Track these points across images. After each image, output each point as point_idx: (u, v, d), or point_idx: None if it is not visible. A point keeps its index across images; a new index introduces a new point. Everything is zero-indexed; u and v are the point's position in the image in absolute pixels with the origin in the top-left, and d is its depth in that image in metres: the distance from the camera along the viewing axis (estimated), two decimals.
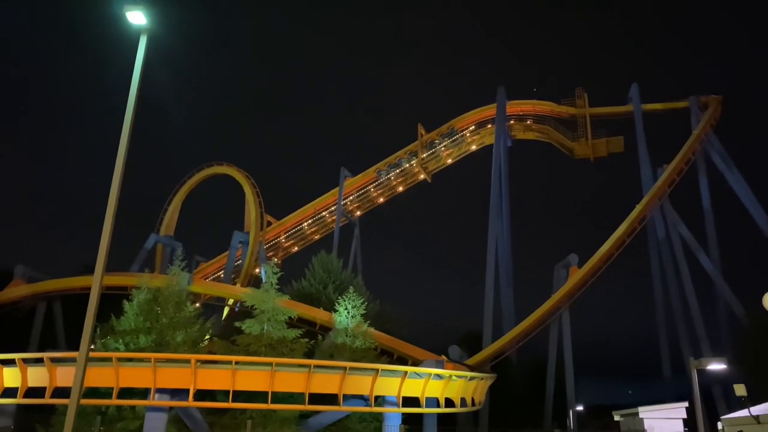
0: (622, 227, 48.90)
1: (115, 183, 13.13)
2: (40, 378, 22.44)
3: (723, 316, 52.91)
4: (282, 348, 27.09)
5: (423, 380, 25.40)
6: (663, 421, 26.72)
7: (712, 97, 59.85)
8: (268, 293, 28.03)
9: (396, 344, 38.88)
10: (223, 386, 22.61)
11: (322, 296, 42.16)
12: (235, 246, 57.37)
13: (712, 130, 57.28)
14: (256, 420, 24.65)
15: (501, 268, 54.67)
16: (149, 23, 14.06)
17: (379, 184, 66.90)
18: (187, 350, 26.07)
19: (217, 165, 61.81)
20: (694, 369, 23.14)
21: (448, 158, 66.29)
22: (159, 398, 22.03)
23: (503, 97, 62.10)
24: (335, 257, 48.14)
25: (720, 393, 44.59)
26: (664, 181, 52.53)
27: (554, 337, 50.32)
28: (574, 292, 47.70)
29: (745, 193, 54.46)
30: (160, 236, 58.77)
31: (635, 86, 61.02)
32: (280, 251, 66.50)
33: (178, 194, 61.17)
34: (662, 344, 53.40)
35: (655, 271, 55.14)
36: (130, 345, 25.73)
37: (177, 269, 29.60)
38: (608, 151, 61.81)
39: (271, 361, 22.76)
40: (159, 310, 27.18)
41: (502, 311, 52.80)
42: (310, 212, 67.53)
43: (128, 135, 13.51)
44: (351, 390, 23.94)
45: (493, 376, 33.56)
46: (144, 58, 14.13)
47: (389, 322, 42.60)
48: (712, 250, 54.80)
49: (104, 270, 12.63)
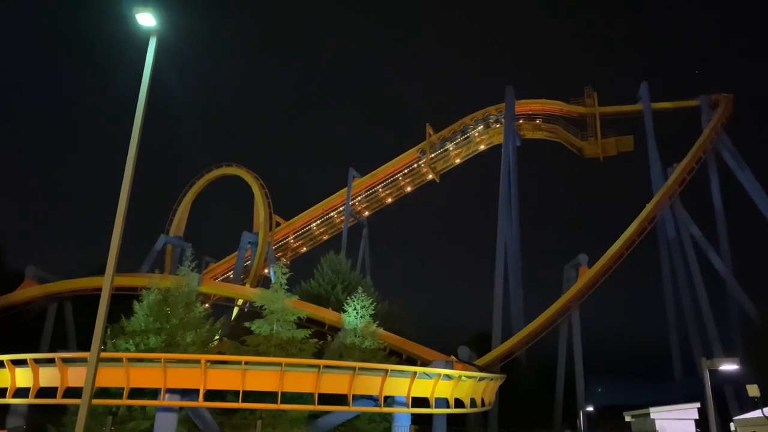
0: (632, 227, 48.63)
1: (125, 184, 13.18)
2: (51, 378, 22.58)
3: (735, 316, 52.55)
4: (291, 348, 27.12)
5: (432, 381, 25.35)
6: (675, 421, 26.55)
7: (723, 95, 59.41)
8: (277, 294, 28.07)
9: (405, 344, 38.83)
10: (232, 386, 22.65)
11: (330, 297, 42.18)
12: (244, 247, 57.50)
13: (723, 129, 56.86)
14: (266, 420, 24.69)
15: (510, 269, 54.46)
16: (158, 25, 14.10)
17: (388, 184, 66.94)
18: (196, 351, 26.17)
19: (226, 166, 61.95)
20: (706, 369, 22.96)
21: (457, 158, 66.15)
22: (169, 398, 22.10)
23: (512, 96, 61.89)
24: (344, 258, 48.17)
25: (732, 394, 44.27)
26: (674, 180, 52.20)
27: (564, 337, 50.12)
28: (584, 293, 47.46)
29: (757, 192, 54.00)
30: (170, 237, 58.98)
31: (645, 85, 60.65)
32: (288, 252, 66.62)
33: (188, 195, 61.37)
34: (673, 344, 53.11)
35: (665, 271, 54.80)
36: (140, 345, 25.86)
37: (186, 270, 29.76)
38: (618, 150, 61.45)
39: (281, 362, 22.78)
40: (169, 310, 27.32)
41: (512, 312, 52.60)
42: (318, 213, 67.60)
43: (138, 136, 13.55)
44: (360, 390, 23.92)
45: (503, 376, 33.45)
46: (153, 59, 14.17)
47: (398, 323, 42.56)
48: (724, 249, 54.42)
49: (115, 271, 12.67)
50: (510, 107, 61.50)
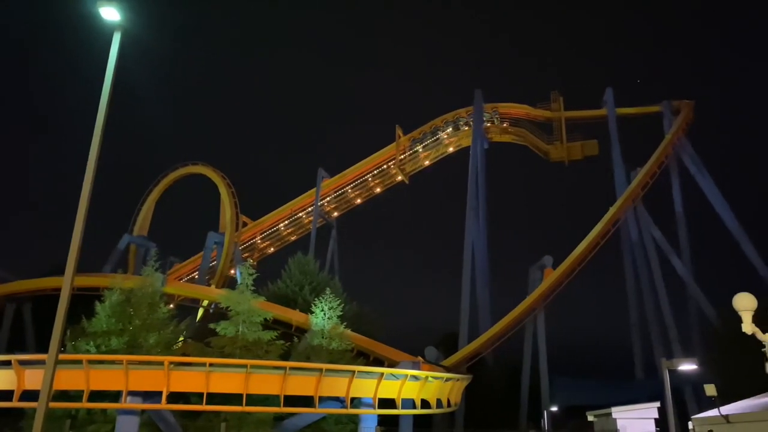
0: (595, 229, 49.55)
1: (87, 181, 12.87)
2: (7, 381, 21.90)
3: (694, 318, 53.89)
4: (257, 350, 26.91)
5: (399, 382, 25.40)
6: (635, 421, 27.03)
7: (684, 101, 61.01)
8: (244, 295, 27.83)
9: (373, 346, 38.84)
10: (197, 388, 22.31)
11: (298, 298, 41.94)
12: (209, 247, 56.85)
13: (684, 135, 58.36)
14: (231, 422, 24.43)
15: (477, 270, 55.01)
16: (123, 20, 13.80)
17: (357, 185, 66.94)
18: (160, 352, 25.77)
19: (192, 165, 61.19)
20: (665, 369, 23.48)
21: (426, 160, 66.54)
22: (131, 401, 21.66)
23: (480, 99, 62.52)
24: (312, 258, 47.96)
25: (691, 393, 45.36)
26: (637, 184, 53.34)
27: (529, 338, 50.80)
28: (548, 294, 48.20)
29: (716, 197, 55.55)
30: (134, 236, 57.99)
31: (610, 90, 61.89)
32: (255, 252, 66.07)
33: (152, 194, 60.40)
34: (635, 345, 54.19)
35: (628, 273, 55.93)
36: (101, 347, 25.36)
37: (150, 270, 29.32)
38: (583, 154, 62.51)
39: (246, 363, 22.55)
40: (132, 311, 26.86)
41: (479, 312, 53.11)
42: (286, 213, 67.24)
43: (101, 132, 13.25)
44: (327, 392, 23.81)
45: (469, 377, 33.72)
46: (118, 55, 13.87)
47: (366, 324, 42.52)
48: (684, 252, 55.82)
49: (75, 271, 12.37)
50: (478, 110, 62.12)
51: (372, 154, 66.60)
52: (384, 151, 66.43)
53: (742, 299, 12.40)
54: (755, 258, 51.77)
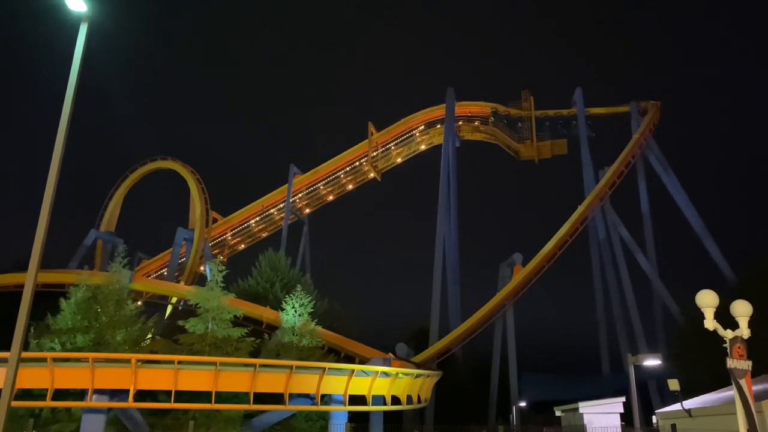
0: (564, 227, 50.25)
1: (51, 175, 12.58)
2: None
3: (659, 314, 55.02)
4: (227, 347, 26.66)
5: (370, 378, 25.44)
6: (601, 415, 27.56)
7: (651, 102, 62.17)
8: (213, 291, 27.56)
9: (343, 342, 38.82)
10: (165, 386, 22.04)
11: (269, 295, 41.69)
12: (179, 243, 56.09)
13: (651, 135, 59.47)
14: (199, 420, 24.20)
15: (448, 267, 55.34)
16: (90, 10, 13.51)
17: (329, 181, 66.78)
18: (127, 350, 25.40)
19: (161, 159, 60.21)
20: (631, 365, 24.03)
21: (398, 157, 66.67)
22: (97, 399, 21.31)
23: (452, 98, 62.84)
24: (283, 255, 47.69)
25: (655, 388, 46.35)
26: (605, 183, 54.21)
27: (499, 334, 51.33)
28: (518, 291, 48.74)
29: (681, 196, 56.80)
30: (101, 232, 56.90)
31: (579, 90, 62.74)
32: (226, 249, 65.44)
33: (120, 189, 59.31)
34: (602, 341, 55.14)
35: (595, 271, 56.91)
36: (66, 344, 24.88)
37: (118, 266, 28.87)
38: (552, 153, 63.33)
39: (215, 361, 22.36)
40: (98, 308, 26.39)
41: (449, 309, 53.45)
42: (257, 209, 66.72)
43: (66, 126, 12.96)
44: (297, 389, 23.75)
45: (439, 373, 33.92)
46: (84, 46, 13.56)
47: (337, 321, 42.49)
48: (650, 250, 56.89)
49: (39, 266, 12.09)
50: (450, 108, 62.44)
51: (344, 151, 66.52)
52: (356, 147, 66.40)
53: (705, 296, 12.69)
54: (718, 256, 53.07)
